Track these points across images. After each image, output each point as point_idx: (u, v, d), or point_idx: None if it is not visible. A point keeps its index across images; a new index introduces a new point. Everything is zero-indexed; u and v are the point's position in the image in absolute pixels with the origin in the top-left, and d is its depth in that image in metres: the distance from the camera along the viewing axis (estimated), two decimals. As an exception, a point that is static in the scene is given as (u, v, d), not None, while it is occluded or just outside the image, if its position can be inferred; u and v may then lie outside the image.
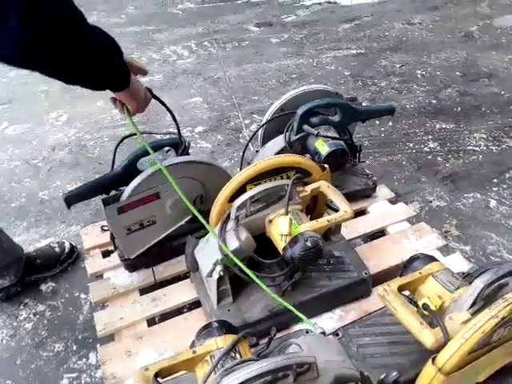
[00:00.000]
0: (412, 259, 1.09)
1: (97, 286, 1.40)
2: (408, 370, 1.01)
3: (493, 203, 2.00)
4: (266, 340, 0.99)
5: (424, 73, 3.25)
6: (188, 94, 3.00)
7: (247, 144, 1.67)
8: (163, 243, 1.42)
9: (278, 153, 1.59)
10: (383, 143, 2.46)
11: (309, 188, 1.30)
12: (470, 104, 2.83)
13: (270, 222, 1.22)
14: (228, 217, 1.21)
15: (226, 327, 0.92)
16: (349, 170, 1.80)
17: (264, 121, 1.67)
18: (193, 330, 0.98)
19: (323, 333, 0.98)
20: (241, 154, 1.76)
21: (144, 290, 1.41)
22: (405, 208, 1.71)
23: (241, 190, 1.23)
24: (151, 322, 1.34)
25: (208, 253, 1.18)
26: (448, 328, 0.88)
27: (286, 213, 1.17)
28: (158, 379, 0.81)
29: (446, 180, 2.16)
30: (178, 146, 1.43)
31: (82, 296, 1.53)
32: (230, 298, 1.22)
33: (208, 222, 1.27)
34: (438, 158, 2.32)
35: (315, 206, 1.38)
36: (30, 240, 1.80)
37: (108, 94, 1.18)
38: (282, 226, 1.13)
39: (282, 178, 1.29)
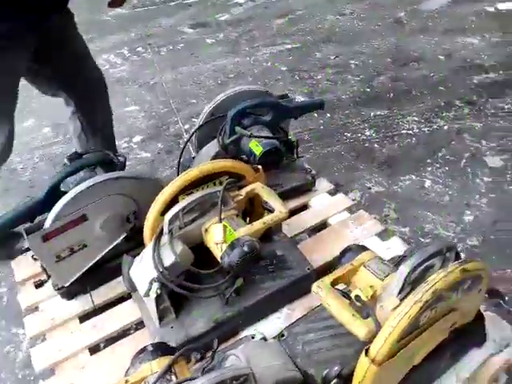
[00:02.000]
0: (344, 251, 1.11)
1: (32, 320, 1.33)
2: (352, 360, 1.02)
3: (428, 183, 2.09)
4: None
5: (357, 62, 3.34)
6: (123, 102, 2.91)
7: (181, 152, 1.63)
8: (99, 265, 1.36)
9: (213, 157, 1.57)
10: (322, 135, 2.51)
11: (243, 191, 1.29)
12: (402, 89, 2.94)
13: (206, 230, 1.20)
14: (161, 231, 1.17)
15: (161, 349, 0.89)
16: (288, 167, 1.80)
17: (196, 127, 1.64)
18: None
19: (263, 338, 0.98)
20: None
21: (84, 317, 1.34)
22: (344, 198, 1.74)
23: (173, 201, 1.20)
24: (96, 349, 1.28)
25: (143, 271, 1.15)
26: (380, 316, 0.90)
27: (220, 220, 1.15)
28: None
29: (382, 165, 2.23)
30: (111, 161, 1.38)
31: (20, 331, 1.44)
32: (173, 315, 1.19)
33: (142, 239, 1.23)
34: (375, 145, 2.39)
35: (253, 209, 1.37)
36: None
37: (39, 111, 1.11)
38: (216, 235, 1.12)
39: (215, 185, 1.27)
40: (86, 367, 1.19)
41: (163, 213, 1.19)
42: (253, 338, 1.14)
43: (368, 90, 2.97)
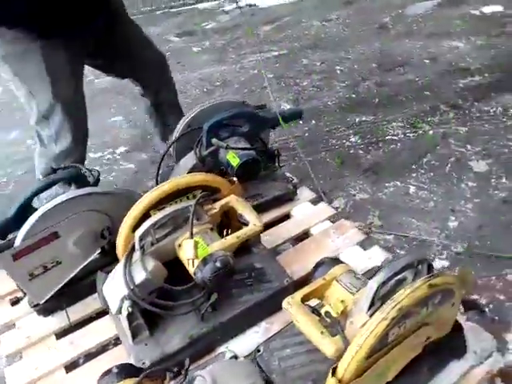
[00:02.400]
0: (317, 265, 1.10)
1: (8, 338, 1.30)
2: (325, 376, 1.01)
3: (412, 189, 2.08)
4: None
5: (343, 68, 3.34)
6: (108, 113, 2.90)
7: (159, 165, 1.62)
8: (75, 282, 1.34)
9: (190, 170, 1.55)
10: (307, 142, 2.50)
11: (218, 205, 1.28)
12: (387, 94, 2.94)
13: (180, 245, 1.19)
14: (133, 247, 1.16)
15: (126, 371, 0.87)
16: (269, 177, 1.79)
17: (172, 139, 1.63)
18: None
19: (234, 356, 0.96)
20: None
21: (61, 334, 1.32)
22: (326, 207, 1.73)
23: (145, 216, 1.19)
24: (74, 366, 1.26)
25: (114, 288, 1.13)
26: (350, 333, 0.88)
27: (191, 236, 1.13)
28: None
29: (367, 172, 2.22)
30: (83, 177, 1.36)
31: (-2, 350, 1.42)
32: (146, 332, 1.17)
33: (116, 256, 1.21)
34: (360, 151, 2.39)
35: (230, 222, 1.36)
36: None
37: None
38: (187, 251, 1.10)
39: (189, 198, 1.25)
40: (59, 385, 1.17)
41: (135, 228, 1.17)
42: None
43: (353, 95, 2.97)
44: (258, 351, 1.14)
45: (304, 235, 1.66)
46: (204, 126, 1.51)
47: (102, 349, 1.31)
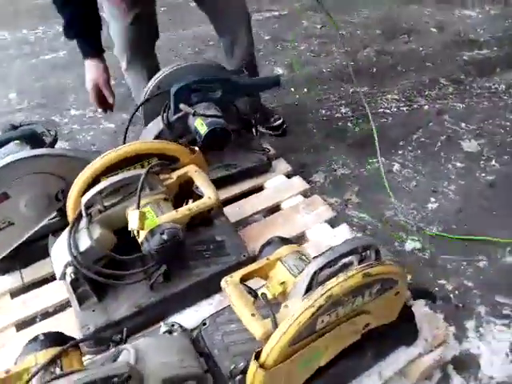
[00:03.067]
0: (265, 244, 1.06)
1: (-37, 295, 1.31)
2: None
3: (396, 167, 2.01)
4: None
5: (344, 33, 3.17)
6: (95, 70, 2.79)
7: (126, 129, 1.56)
8: (32, 243, 1.33)
9: (156, 135, 1.50)
10: (295, 111, 2.40)
11: (174, 175, 1.23)
12: (387, 64, 2.80)
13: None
14: (80, 214, 1.12)
15: (52, 339, 0.86)
16: (245, 146, 1.73)
17: (140, 102, 1.56)
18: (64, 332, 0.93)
19: (169, 331, 0.95)
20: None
21: (16, 293, 1.32)
22: (300, 182, 1.68)
23: (95, 183, 1.15)
24: (23, 326, 1.26)
25: (59, 254, 1.11)
26: (282, 317, 0.85)
27: (138, 206, 1.09)
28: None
29: (352, 146, 2.14)
30: (38, 137, 1.31)
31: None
32: (94, 299, 1.15)
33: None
34: (348, 124, 2.29)
35: (189, 193, 1.31)
36: None
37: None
38: (131, 221, 1.06)
39: (143, 167, 1.21)
40: (6, 344, 1.18)
41: (84, 194, 1.13)
42: (173, 326, 1.10)
43: (351, 63, 2.81)
44: (204, 324, 1.13)
45: (275, 209, 1.62)
46: (171, 90, 1.43)
47: (54, 311, 1.31)
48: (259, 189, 1.68)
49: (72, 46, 2.79)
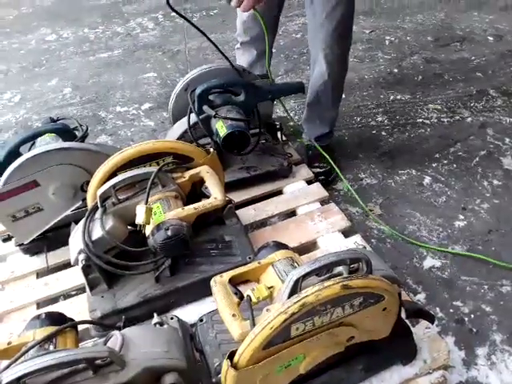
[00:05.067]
0: (261, 248, 1.07)
1: (-4, 270, 1.45)
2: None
3: (427, 180, 1.94)
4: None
5: (393, 39, 3.09)
6: (143, 69, 2.95)
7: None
8: (60, 228, 1.44)
9: (180, 135, 1.56)
10: (330, 117, 2.38)
11: (187, 174, 1.29)
12: (433, 72, 2.69)
13: (138, 209, 1.22)
14: (96, 205, 1.21)
15: (52, 319, 0.94)
16: (268, 151, 1.76)
17: (170, 102, 1.64)
18: (75, 315, 1.04)
19: (159, 323, 1.00)
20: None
21: (41, 274, 1.45)
22: (319, 189, 1.67)
23: (112, 176, 1.23)
24: (44, 305, 1.38)
25: (75, 241, 1.20)
26: (261, 320, 0.87)
27: (146, 201, 1.16)
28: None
29: (384, 156, 2.09)
30: (69, 131, 1.43)
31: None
32: (104, 286, 1.24)
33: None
34: (383, 133, 2.24)
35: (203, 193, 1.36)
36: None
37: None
38: (137, 216, 1.13)
39: (158, 164, 1.27)
40: (27, 320, 1.29)
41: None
42: (171, 318, 1.15)
43: (395, 70, 2.75)
44: (201, 320, 1.17)
45: (290, 214, 1.63)
46: (196, 92, 1.49)
47: (73, 294, 1.41)
48: (278, 193, 1.70)
49: (130, 49, 2.99)
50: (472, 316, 1.39)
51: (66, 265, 1.46)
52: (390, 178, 1.96)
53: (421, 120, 2.30)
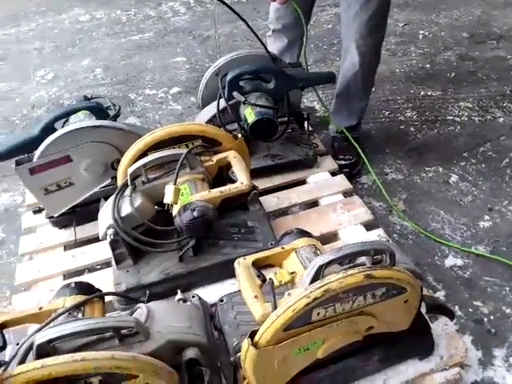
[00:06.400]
0: (284, 234, 1.09)
1: (26, 240, 1.51)
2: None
3: (454, 178, 1.91)
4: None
5: (427, 33, 3.02)
6: (173, 53, 2.97)
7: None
8: (89, 203, 1.49)
9: (209, 119, 1.58)
10: (358, 110, 2.36)
11: (215, 158, 1.30)
12: (467, 69, 2.63)
13: (166, 189, 1.25)
14: (126, 183, 1.24)
15: (81, 288, 0.98)
16: (294, 139, 1.76)
17: (201, 88, 1.66)
18: (99, 288, 1.07)
19: (183, 299, 1.03)
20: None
21: (68, 247, 1.50)
22: (343, 181, 1.66)
23: (143, 156, 1.26)
24: (69, 276, 1.43)
25: (104, 216, 1.24)
26: (284, 303, 0.89)
27: (175, 182, 1.18)
28: (4, 330, 0.90)
29: (411, 152, 2.06)
30: (102, 110, 1.46)
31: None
32: (130, 261, 1.27)
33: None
34: (411, 128, 2.21)
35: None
36: (-9, 193, 1.95)
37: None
38: (166, 195, 1.15)
39: (187, 147, 1.29)
40: (54, 290, 1.34)
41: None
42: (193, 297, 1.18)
43: (428, 65, 2.69)
44: (221, 301, 1.20)
45: (313, 204, 1.63)
46: (226, 77, 1.50)
47: (98, 268, 1.46)
48: (302, 182, 1.70)
49: (161, 33, 3.01)
50: (491, 317, 1.38)
51: (93, 239, 1.51)
52: (416, 174, 1.93)
53: (451, 117, 2.25)
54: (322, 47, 2.95)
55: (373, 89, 2.48)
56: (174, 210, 1.20)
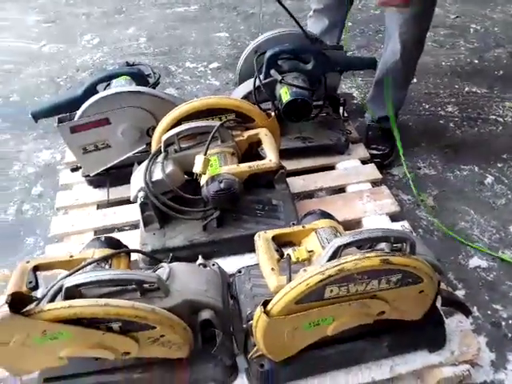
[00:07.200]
0: (306, 214, 1.10)
1: (63, 196, 1.60)
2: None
3: (489, 180, 1.85)
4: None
5: (479, 27, 2.89)
6: (216, 28, 2.98)
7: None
8: (123, 167, 1.54)
9: (245, 95, 1.59)
10: (397, 101, 2.30)
11: (246, 133, 1.32)
12: (517, 68, 2.51)
13: (196, 158, 1.28)
14: (160, 150, 1.29)
15: (110, 243, 1.04)
16: (327, 124, 1.75)
17: (239, 63, 1.67)
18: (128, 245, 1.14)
19: (203, 264, 1.07)
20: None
21: (101, 206, 1.57)
22: (373, 170, 1.65)
23: (177, 125, 1.29)
24: (100, 233, 1.50)
25: (136, 180, 1.29)
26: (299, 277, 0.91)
27: (206, 152, 1.21)
28: (37, 272, 0.97)
29: (447, 148, 2.01)
30: (143, 76, 1.50)
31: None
32: (157, 224, 1.32)
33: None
34: (451, 124, 2.15)
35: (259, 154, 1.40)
36: (34, 149, 2.05)
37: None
38: (196, 164, 1.19)
39: (220, 120, 1.32)
40: (85, 243, 1.42)
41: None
42: (213, 264, 1.22)
43: (476, 61, 2.59)
44: (240, 272, 1.23)
45: (339, 191, 1.63)
46: (266, 55, 1.51)
47: (126, 228, 1.53)
48: (330, 168, 1.70)
49: (206, 7, 3.01)
50: (510, 321, 1.36)
51: (124, 201, 1.57)
52: (450, 171, 1.89)
53: (494, 117, 2.17)
54: (367, 33, 2.88)
55: (414, 80, 2.44)
56: (202, 180, 1.24)
